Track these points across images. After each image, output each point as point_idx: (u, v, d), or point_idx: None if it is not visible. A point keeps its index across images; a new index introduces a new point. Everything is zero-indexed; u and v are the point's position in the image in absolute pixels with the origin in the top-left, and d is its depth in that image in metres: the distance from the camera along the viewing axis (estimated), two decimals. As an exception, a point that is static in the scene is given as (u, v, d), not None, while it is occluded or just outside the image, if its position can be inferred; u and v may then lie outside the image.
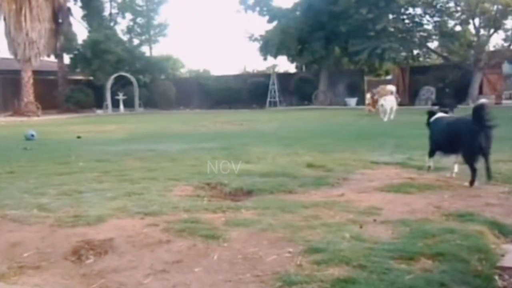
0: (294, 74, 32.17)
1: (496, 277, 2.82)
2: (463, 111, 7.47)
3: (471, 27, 25.88)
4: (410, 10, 27.13)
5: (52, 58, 30.74)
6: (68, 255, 3.34)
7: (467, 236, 3.36)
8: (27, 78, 27.00)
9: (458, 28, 26.47)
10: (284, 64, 40.48)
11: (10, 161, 7.96)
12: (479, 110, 5.08)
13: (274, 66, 31.04)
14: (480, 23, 25.18)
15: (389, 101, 16.26)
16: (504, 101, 25.52)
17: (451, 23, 26.57)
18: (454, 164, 5.61)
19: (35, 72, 27.62)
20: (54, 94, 29.75)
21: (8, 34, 26.72)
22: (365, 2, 25.02)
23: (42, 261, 3.26)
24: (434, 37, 27.13)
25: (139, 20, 32.98)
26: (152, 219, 4.06)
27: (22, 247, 3.49)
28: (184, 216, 4.16)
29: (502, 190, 4.88)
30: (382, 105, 15.96)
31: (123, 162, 7.57)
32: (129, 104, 28.63)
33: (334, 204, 4.47)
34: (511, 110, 16.95)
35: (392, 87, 19.21)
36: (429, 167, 6.04)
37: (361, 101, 28.73)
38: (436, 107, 6.44)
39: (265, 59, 29.50)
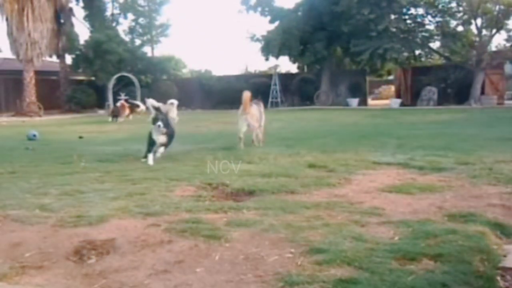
0: (296, 74, 32.13)
1: (498, 278, 2.82)
2: (464, 111, 7.45)
3: (473, 28, 25.79)
4: (412, 10, 27.06)
5: (54, 59, 30.78)
6: (70, 255, 3.35)
7: (469, 236, 3.36)
8: (29, 78, 27.03)
9: (460, 28, 26.40)
10: (286, 65, 40.51)
11: (12, 161, 7.98)
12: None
13: (276, 66, 30.97)
14: (482, 23, 25.11)
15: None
16: (506, 102, 25.50)
17: (453, 23, 26.49)
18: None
19: (37, 73, 27.65)
20: (56, 94, 29.78)
21: (10, 34, 26.76)
22: (367, 3, 24.96)
23: (44, 261, 3.26)
24: (436, 37, 27.03)
25: (141, 20, 32.96)
26: (154, 219, 4.06)
27: (24, 247, 3.49)
28: (185, 216, 4.16)
29: (504, 191, 4.87)
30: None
31: (124, 162, 7.59)
32: (131, 104, 28.63)
33: (335, 204, 4.47)
34: (513, 111, 16.91)
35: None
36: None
37: (363, 102, 28.79)
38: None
39: (267, 59, 29.46)
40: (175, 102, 8.28)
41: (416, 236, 3.44)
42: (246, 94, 9.06)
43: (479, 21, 25.09)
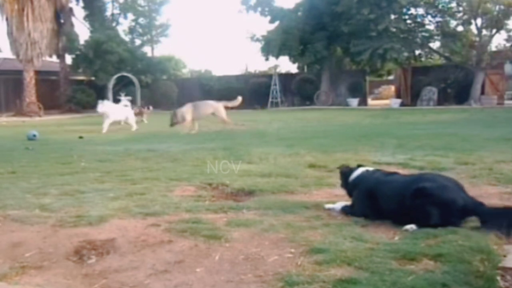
0: (296, 74, 32.14)
1: (498, 278, 2.81)
2: (464, 111, 7.46)
3: (473, 28, 25.82)
4: (412, 11, 27.08)
5: (54, 59, 30.79)
6: (70, 255, 3.35)
7: (469, 236, 3.36)
8: (29, 78, 27.05)
9: (460, 28, 26.41)
10: (286, 65, 40.55)
11: (12, 161, 7.98)
12: None
13: (276, 66, 31.01)
14: (482, 23, 25.12)
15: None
16: (506, 102, 25.52)
17: (453, 23, 26.51)
18: None
19: (37, 73, 27.67)
20: (56, 94, 29.79)
21: (10, 34, 26.78)
22: (367, 3, 24.97)
23: (44, 261, 3.26)
24: (436, 37, 27.05)
25: (141, 20, 32.99)
26: (154, 219, 4.06)
27: (24, 247, 3.49)
28: (185, 216, 4.16)
29: (504, 191, 4.87)
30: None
31: (124, 162, 7.58)
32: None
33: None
34: (513, 111, 16.89)
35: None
36: None
37: (363, 102, 28.80)
38: None
39: (266, 59, 29.48)
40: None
41: (416, 236, 3.44)
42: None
43: (479, 21, 25.10)
